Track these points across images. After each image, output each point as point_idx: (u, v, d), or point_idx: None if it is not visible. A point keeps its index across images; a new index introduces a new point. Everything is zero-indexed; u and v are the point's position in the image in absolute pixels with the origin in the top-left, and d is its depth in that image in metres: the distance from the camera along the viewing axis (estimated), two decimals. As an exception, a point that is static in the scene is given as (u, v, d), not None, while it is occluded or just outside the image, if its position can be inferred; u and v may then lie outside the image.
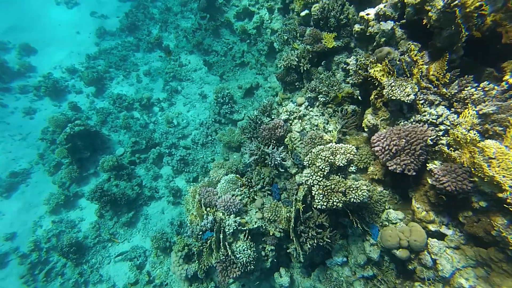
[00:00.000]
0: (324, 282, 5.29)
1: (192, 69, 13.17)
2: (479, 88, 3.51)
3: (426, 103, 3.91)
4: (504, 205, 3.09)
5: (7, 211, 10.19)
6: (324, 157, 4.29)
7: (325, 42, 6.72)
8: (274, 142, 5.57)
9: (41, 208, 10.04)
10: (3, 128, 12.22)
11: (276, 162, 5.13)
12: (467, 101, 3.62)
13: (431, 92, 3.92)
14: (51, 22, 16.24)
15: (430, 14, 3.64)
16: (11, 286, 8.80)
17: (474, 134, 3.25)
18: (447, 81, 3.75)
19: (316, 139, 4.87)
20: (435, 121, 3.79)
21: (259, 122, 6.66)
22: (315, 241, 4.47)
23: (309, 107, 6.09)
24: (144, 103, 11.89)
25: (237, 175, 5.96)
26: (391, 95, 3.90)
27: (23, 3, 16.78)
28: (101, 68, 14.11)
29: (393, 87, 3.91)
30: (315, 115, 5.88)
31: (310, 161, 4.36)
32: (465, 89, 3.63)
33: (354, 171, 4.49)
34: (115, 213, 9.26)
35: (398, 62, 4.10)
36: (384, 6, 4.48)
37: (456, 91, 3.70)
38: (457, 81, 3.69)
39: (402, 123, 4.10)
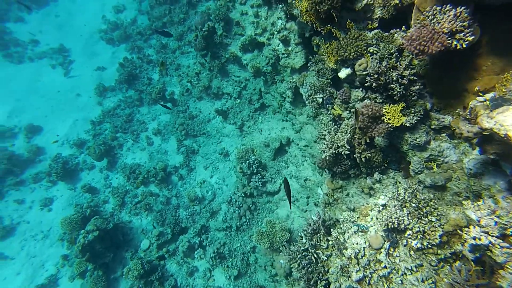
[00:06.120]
0: None
1: (205, 119, 11.16)
2: None
3: None
4: None
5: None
6: None
7: (389, 119, 4.30)
8: None
9: (74, 328, 8.98)
10: (24, 228, 11.36)
11: None
12: None
13: None
14: (50, 91, 15.07)
15: None
16: None
17: None
18: None
19: None
20: None
21: (314, 259, 4.52)
22: None
23: (391, 249, 3.77)
24: (160, 177, 10.19)
25: None
26: None
27: (16, 77, 15.77)
28: (108, 133, 12.68)
29: None
30: (407, 268, 3.56)
31: None
32: None
33: None
34: (154, 334, 7.82)
35: None
36: None
37: None
38: None
39: None
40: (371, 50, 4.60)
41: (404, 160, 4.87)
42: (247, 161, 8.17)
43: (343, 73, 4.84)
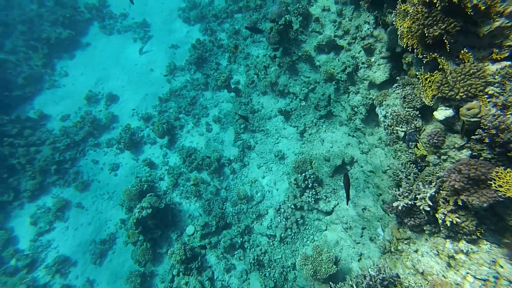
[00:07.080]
0: None
1: (266, 116, 10.82)
2: None
3: None
4: None
5: (100, 281, 10.65)
6: None
7: (500, 186, 3.33)
8: None
9: (122, 286, 10.04)
10: (95, 186, 12.88)
11: None
12: None
13: None
14: (129, 64, 16.30)
15: None
16: None
17: None
18: None
19: None
20: None
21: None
22: None
23: None
24: (213, 168, 10.36)
25: None
26: None
27: (105, 48, 17.38)
28: (172, 112, 13.30)
29: None
30: None
31: None
32: None
33: None
34: (187, 317, 8.28)
35: None
36: None
37: None
38: None
39: None
40: (490, 92, 3.55)
41: (511, 235, 3.85)
42: (303, 174, 7.66)
43: (441, 114, 3.88)
